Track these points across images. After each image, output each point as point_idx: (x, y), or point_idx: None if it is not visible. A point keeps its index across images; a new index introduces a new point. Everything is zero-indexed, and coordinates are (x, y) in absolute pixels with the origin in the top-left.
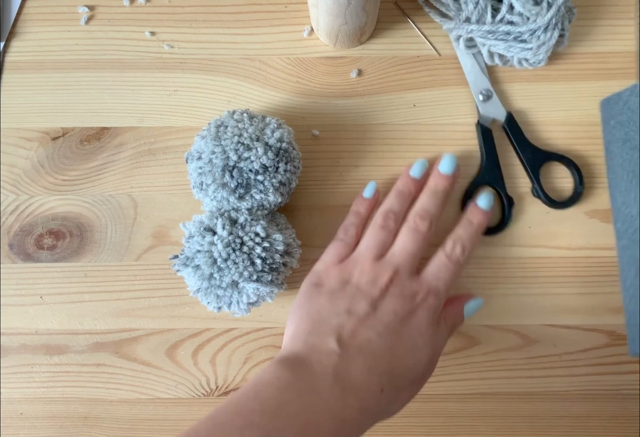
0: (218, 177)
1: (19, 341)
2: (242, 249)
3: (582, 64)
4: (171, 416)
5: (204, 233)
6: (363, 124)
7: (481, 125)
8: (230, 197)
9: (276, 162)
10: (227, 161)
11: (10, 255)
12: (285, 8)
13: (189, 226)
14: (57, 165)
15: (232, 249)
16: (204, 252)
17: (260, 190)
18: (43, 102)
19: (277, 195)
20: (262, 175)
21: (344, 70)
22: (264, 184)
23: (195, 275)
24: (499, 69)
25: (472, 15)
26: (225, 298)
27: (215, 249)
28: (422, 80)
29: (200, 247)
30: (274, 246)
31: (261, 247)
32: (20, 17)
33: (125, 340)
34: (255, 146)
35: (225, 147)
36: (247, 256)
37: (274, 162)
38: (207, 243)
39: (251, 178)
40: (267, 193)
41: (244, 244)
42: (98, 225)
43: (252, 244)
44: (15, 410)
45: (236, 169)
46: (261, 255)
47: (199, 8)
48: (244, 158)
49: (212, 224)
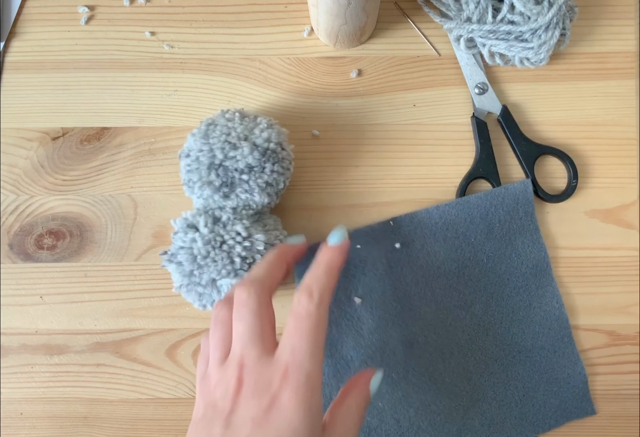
0: (204, 175)
1: (19, 341)
2: (222, 247)
3: (582, 64)
4: (171, 416)
5: (186, 230)
6: (363, 124)
7: (476, 118)
8: (215, 196)
9: (262, 162)
10: (213, 159)
11: (10, 255)
12: (285, 8)
13: (177, 222)
14: (57, 165)
15: (212, 246)
16: (185, 249)
17: (246, 189)
18: (43, 102)
19: (263, 195)
20: (247, 174)
21: (344, 70)
22: (249, 184)
23: (177, 271)
24: (499, 69)
25: (473, 15)
26: (206, 296)
27: (196, 246)
28: (422, 80)
29: (182, 244)
30: (255, 246)
31: (241, 246)
32: (20, 17)
33: (125, 340)
34: (242, 145)
35: (212, 146)
36: (226, 254)
37: (260, 162)
38: (189, 240)
39: (236, 177)
40: (252, 193)
41: (225, 242)
42: (98, 225)
43: (233, 242)
44: (15, 410)
45: (222, 167)
46: (241, 254)
47: (199, 8)
48: (229, 157)
49: (195, 221)
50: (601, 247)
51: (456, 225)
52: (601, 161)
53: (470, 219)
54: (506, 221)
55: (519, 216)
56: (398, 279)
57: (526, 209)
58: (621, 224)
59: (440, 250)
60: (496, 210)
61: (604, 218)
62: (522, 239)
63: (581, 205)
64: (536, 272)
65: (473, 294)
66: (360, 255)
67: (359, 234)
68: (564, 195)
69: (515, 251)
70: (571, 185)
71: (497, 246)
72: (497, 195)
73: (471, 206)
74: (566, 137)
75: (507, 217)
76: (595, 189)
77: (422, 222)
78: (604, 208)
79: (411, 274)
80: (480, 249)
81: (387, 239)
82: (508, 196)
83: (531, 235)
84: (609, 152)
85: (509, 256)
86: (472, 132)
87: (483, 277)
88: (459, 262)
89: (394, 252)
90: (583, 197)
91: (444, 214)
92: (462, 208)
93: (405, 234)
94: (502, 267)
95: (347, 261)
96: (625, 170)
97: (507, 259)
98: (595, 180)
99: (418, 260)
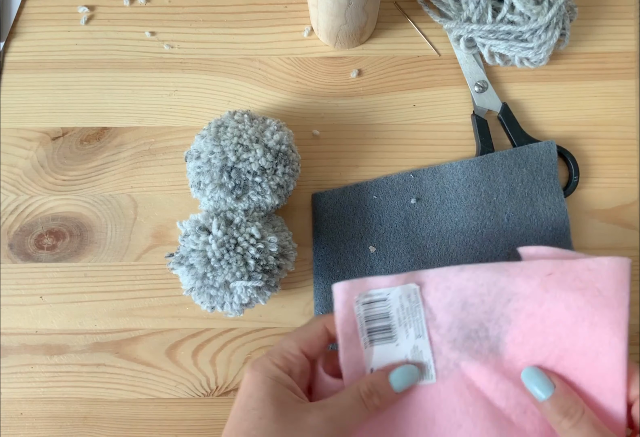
0: (216, 177)
1: (19, 341)
2: (236, 250)
3: (582, 64)
4: (171, 416)
5: (198, 232)
6: (363, 124)
7: (476, 116)
8: (227, 198)
9: (275, 165)
10: (226, 162)
11: (10, 255)
12: (285, 8)
13: (185, 224)
14: (57, 165)
15: (226, 249)
16: (198, 252)
17: (258, 192)
18: (43, 102)
19: (274, 197)
20: (260, 177)
21: (344, 70)
22: (262, 186)
23: (189, 274)
24: (499, 69)
25: (473, 15)
26: (218, 298)
27: (210, 249)
28: (422, 80)
29: (194, 246)
30: (269, 248)
31: (255, 248)
32: (20, 17)
33: (125, 340)
34: (255, 148)
35: (225, 148)
36: (240, 257)
37: (273, 164)
38: (202, 242)
39: (249, 179)
40: (264, 195)
41: (239, 244)
42: (98, 225)
43: (247, 245)
44: (15, 410)
45: (234, 170)
46: (255, 256)
47: (199, 8)
48: (242, 159)
49: (207, 224)
50: (601, 247)
51: (479, 182)
52: (601, 161)
53: (493, 177)
54: (529, 181)
55: (541, 177)
56: (414, 232)
57: (549, 171)
58: (621, 224)
59: (460, 206)
60: (520, 170)
61: (604, 218)
62: (544, 200)
63: (581, 205)
64: (555, 235)
65: (490, 253)
66: (377, 205)
67: (377, 185)
68: (566, 192)
69: (536, 212)
70: (572, 182)
71: (519, 206)
72: (521, 154)
73: (495, 164)
74: (566, 137)
75: (530, 177)
76: (595, 189)
77: (444, 177)
78: (604, 208)
79: (428, 228)
80: (502, 209)
81: (406, 192)
82: (532, 155)
83: (553, 197)
84: (609, 152)
85: (529, 217)
86: (473, 132)
87: (502, 236)
88: (478, 220)
89: (412, 206)
90: (583, 197)
91: (467, 170)
92: (486, 165)
93: (425, 188)
94: (522, 228)
95: (364, 210)
96: (625, 170)
97: (527, 220)
98: (595, 180)
99: (436, 215)
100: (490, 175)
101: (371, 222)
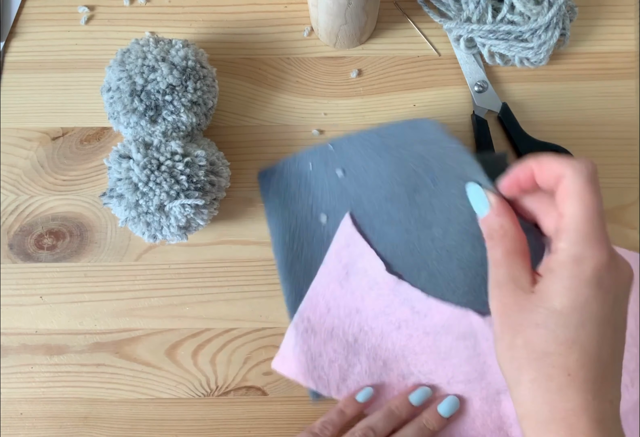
0: (127, 102)
1: (19, 341)
2: (161, 169)
3: (582, 64)
4: (171, 416)
5: (119, 160)
6: (363, 124)
7: (476, 116)
8: (141, 122)
9: (183, 81)
10: (134, 86)
11: (10, 255)
12: (285, 8)
13: (110, 156)
14: (57, 165)
15: (150, 170)
16: (124, 180)
17: (171, 111)
18: (43, 102)
19: (190, 115)
20: (170, 95)
21: (344, 70)
22: (174, 104)
23: (121, 205)
24: (499, 69)
25: (473, 15)
26: (155, 224)
27: (134, 174)
28: (422, 80)
29: (119, 175)
30: (197, 163)
31: (183, 164)
32: (20, 17)
33: (125, 340)
34: (160, 66)
35: (130, 72)
36: (168, 175)
37: (181, 81)
38: (125, 169)
39: (159, 99)
40: (178, 113)
41: (162, 164)
42: (98, 225)
43: (171, 163)
44: (15, 410)
45: (144, 92)
46: (185, 171)
47: (199, 8)
48: (150, 80)
49: (126, 151)
50: None
51: (399, 147)
52: (601, 161)
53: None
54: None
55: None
56: (355, 200)
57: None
58: (621, 224)
59: (383, 172)
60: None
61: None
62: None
63: None
64: None
65: (430, 215)
66: (315, 175)
67: (308, 156)
68: None
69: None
70: None
71: (443, 171)
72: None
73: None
74: (566, 137)
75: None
76: None
77: (363, 144)
78: (604, 208)
79: (364, 196)
80: (425, 173)
81: (332, 163)
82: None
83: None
84: (609, 152)
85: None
86: (472, 131)
87: (434, 200)
88: (406, 186)
89: (341, 177)
90: None
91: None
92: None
93: (347, 158)
94: (454, 190)
95: (306, 180)
96: (625, 170)
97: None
98: None
99: (366, 182)
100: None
101: (315, 191)
